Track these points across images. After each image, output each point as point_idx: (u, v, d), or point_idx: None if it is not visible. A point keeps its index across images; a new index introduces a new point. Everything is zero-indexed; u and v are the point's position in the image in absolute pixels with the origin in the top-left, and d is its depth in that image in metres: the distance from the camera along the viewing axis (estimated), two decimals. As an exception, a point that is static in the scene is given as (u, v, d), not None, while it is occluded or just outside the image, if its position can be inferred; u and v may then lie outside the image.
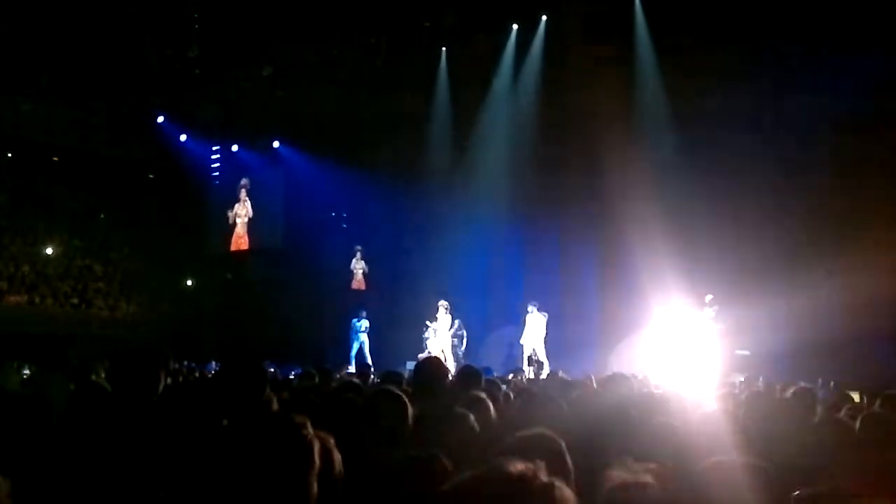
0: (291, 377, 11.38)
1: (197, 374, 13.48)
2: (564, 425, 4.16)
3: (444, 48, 22.38)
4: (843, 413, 5.88)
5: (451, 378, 6.27)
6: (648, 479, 2.79)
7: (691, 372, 14.82)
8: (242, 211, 26.77)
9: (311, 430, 2.82)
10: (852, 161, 15.95)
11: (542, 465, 1.78)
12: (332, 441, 3.02)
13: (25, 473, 3.15)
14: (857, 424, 4.64)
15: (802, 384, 7.22)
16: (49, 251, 27.14)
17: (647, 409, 5.00)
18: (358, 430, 4.13)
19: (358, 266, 23.12)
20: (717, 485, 3.06)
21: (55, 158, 27.36)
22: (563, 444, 3.29)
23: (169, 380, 4.91)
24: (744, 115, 17.31)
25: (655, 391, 7.29)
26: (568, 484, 1.81)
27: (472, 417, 4.31)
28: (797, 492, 2.96)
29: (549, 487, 1.73)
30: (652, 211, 17.02)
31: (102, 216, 27.77)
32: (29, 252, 26.69)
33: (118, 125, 26.68)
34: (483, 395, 5.24)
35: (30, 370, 14.15)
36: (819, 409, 6.67)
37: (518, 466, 1.75)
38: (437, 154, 22.37)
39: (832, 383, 11.36)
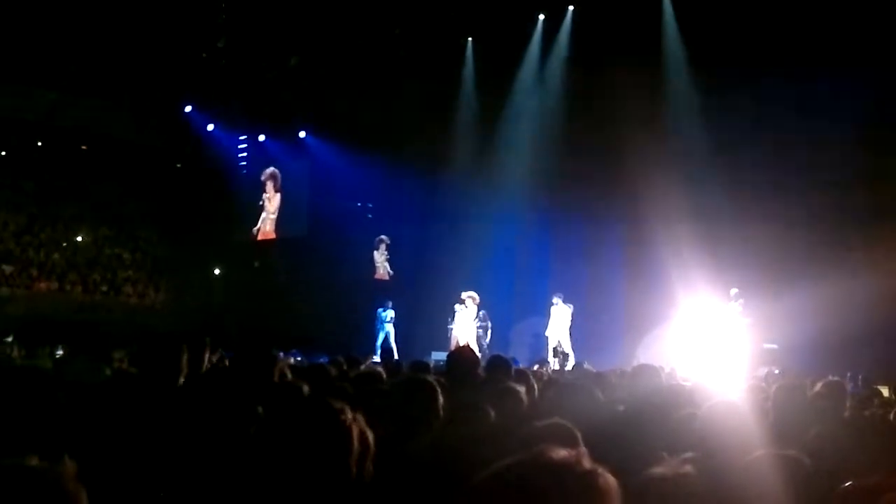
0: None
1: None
2: (596, 416, 4.34)
3: (469, 38, 22.35)
4: (874, 407, 5.85)
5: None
6: (689, 471, 2.76)
7: (719, 365, 14.68)
8: (271, 207, 26.89)
9: (349, 415, 2.86)
10: (882, 151, 15.82)
11: (584, 451, 1.75)
12: (362, 420, 2.97)
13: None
14: (892, 417, 4.61)
15: (832, 377, 7.17)
16: (79, 239, 27.37)
17: (677, 400, 5.05)
18: (387, 419, 4.08)
19: (380, 258, 23.12)
20: (756, 478, 3.10)
21: (84, 147, 27.57)
22: (579, 434, 3.35)
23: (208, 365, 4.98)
24: (771, 107, 17.17)
25: (683, 384, 7.22)
26: None
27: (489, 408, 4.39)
28: (847, 484, 2.96)
29: (593, 474, 1.70)
30: (678, 203, 17.02)
31: (131, 205, 27.93)
32: (59, 240, 27.00)
33: (146, 114, 26.81)
34: (515, 385, 5.25)
35: (63, 350, 14.44)
36: (849, 402, 6.62)
37: (560, 453, 1.72)
38: (462, 145, 22.39)
39: (861, 377, 11.31)
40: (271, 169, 27.02)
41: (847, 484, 2.99)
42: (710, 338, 16.29)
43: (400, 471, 3.59)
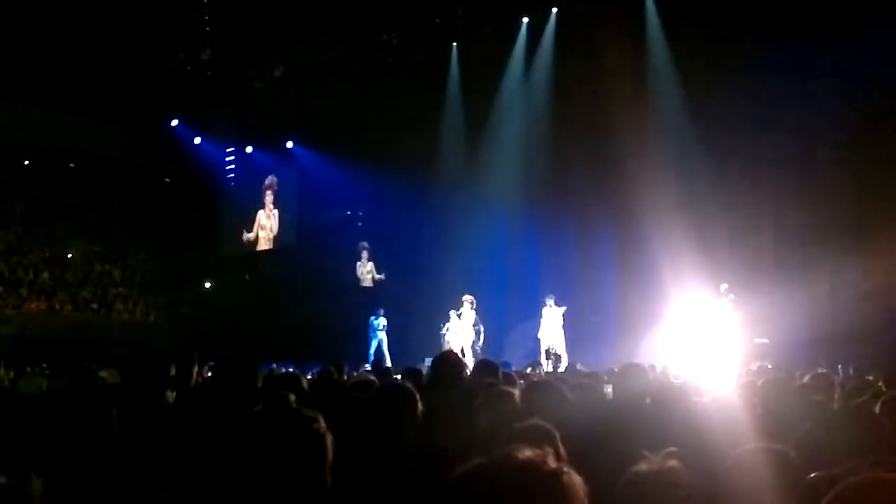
0: (309, 376, 11.47)
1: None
2: (572, 415, 4.39)
3: (454, 43, 22.31)
4: (863, 398, 5.84)
5: (468, 372, 6.34)
6: (675, 465, 2.80)
7: (711, 361, 14.72)
8: (268, 223, 26.87)
9: (323, 424, 2.87)
10: (871, 148, 15.86)
11: (550, 451, 1.78)
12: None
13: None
14: (878, 408, 4.60)
15: (820, 370, 7.16)
16: (68, 257, 27.30)
17: (663, 398, 5.09)
18: (365, 424, 4.17)
19: (362, 269, 23.03)
20: (743, 472, 3.10)
21: (71, 165, 27.52)
22: (557, 434, 3.37)
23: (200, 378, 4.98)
24: (760, 102, 17.19)
25: (674, 381, 7.28)
26: None
27: (479, 411, 4.47)
28: (813, 475, 2.96)
29: (559, 472, 1.73)
30: (668, 201, 17.03)
31: (120, 221, 27.89)
32: (48, 258, 26.89)
33: (133, 130, 26.80)
34: (503, 387, 5.26)
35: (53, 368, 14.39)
36: (837, 394, 6.64)
37: (526, 453, 1.75)
38: (450, 150, 22.40)
39: (851, 369, 11.30)
40: (271, 178, 26.99)
41: (815, 473, 2.98)
42: (702, 334, 16.28)
43: (381, 477, 3.62)
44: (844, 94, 15.67)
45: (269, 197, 27.04)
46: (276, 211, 26.85)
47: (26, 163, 27.21)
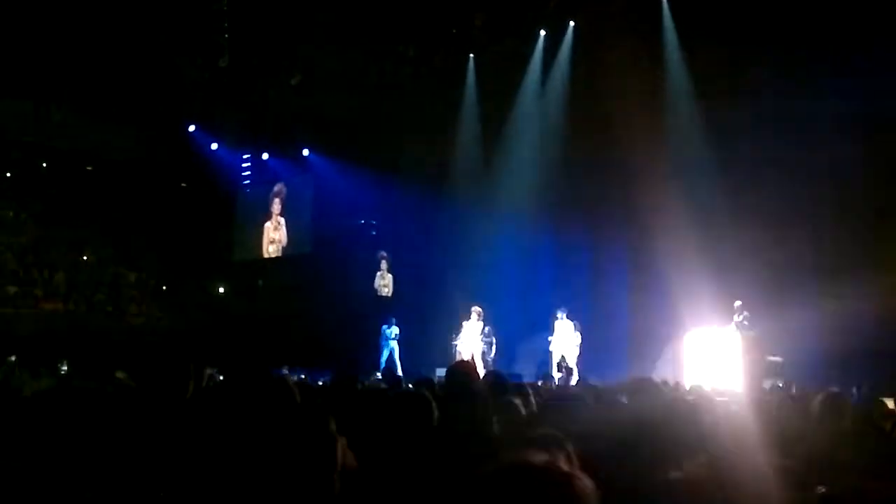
0: (321, 384, 11.50)
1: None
2: (590, 428, 4.24)
3: (471, 54, 22.36)
4: (875, 419, 5.84)
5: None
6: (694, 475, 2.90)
7: (723, 378, 14.72)
8: (276, 235, 26.93)
9: (334, 428, 2.96)
10: (886, 164, 15.79)
11: (562, 456, 1.86)
12: (343, 441, 3.09)
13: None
14: (889, 428, 4.61)
15: (833, 389, 7.17)
16: (83, 259, 27.38)
17: (675, 414, 4.88)
18: (380, 432, 4.20)
19: (380, 282, 23.03)
20: (757, 489, 3.15)
21: (88, 168, 27.63)
22: (570, 442, 3.37)
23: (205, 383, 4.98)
24: (776, 117, 17.03)
25: (687, 397, 7.25)
26: None
27: (495, 420, 4.56)
28: (821, 489, 2.98)
29: (570, 477, 1.80)
30: (683, 216, 16.84)
31: (135, 224, 27.94)
32: (63, 260, 27.01)
33: (150, 134, 26.88)
34: (514, 399, 5.39)
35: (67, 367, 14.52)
36: (850, 414, 6.62)
37: (539, 458, 1.84)
38: (466, 161, 22.39)
39: (864, 388, 11.25)
40: (279, 185, 27.05)
41: (821, 489, 3.00)
42: (715, 350, 16.25)
43: (396, 486, 3.60)
44: (862, 110, 15.57)
45: (276, 206, 27.12)
46: (282, 219, 26.92)
47: (44, 164, 27.33)
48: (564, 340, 18.85)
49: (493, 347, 19.64)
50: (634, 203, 18.26)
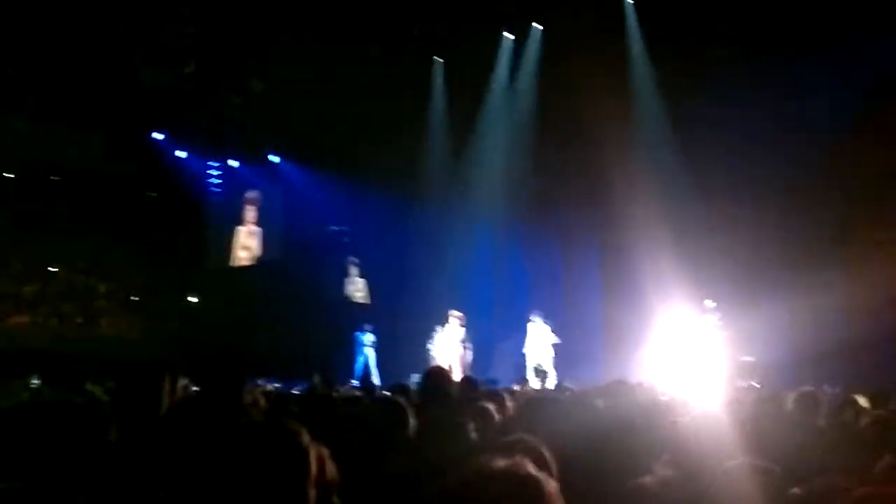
0: (296, 391, 11.42)
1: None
2: (572, 430, 4.34)
3: (438, 57, 22.38)
4: (847, 415, 5.85)
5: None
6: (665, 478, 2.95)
7: (697, 379, 14.78)
8: (249, 241, 26.74)
9: (306, 437, 2.87)
10: (855, 161, 15.87)
11: (526, 459, 1.93)
12: (325, 451, 3.02)
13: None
14: (862, 426, 4.62)
15: (805, 388, 7.19)
16: (51, 270, 27.08)
17: (651, 415, 5.02)
18: (356, 440, 4.25)
19: (352, 288, 22.94)
20: (730, 488, 3.19)
21: (54, 178, 27.29)
22: (545, 447, 3.42)
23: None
24: (743, 115, 17.12)
25: (661, 398, 7.30)
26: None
27: (471, 426, 4.46)
28: (796, 490, 2.96)
29: (533, 478, 1.87)
30: (653, 215, 17.05)
31: (104, 234, 27.64)
32: (31, 272, 26.66)
33: (117, 143, 26.54)
34: (487, 404, 5.38)
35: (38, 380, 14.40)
36: (823, 412, 6.68)
37: (502, 462, 1.89)
38: (435, 164, 22.42)
39: (838, 387, 11.29)
40: (254, 192, 26.83)
41: (796, 489, 2.99)
42: (688, 351, 16.27)
43: (372, 493, 3.65)
44: (827, 107, 15.70)
45: (250, 213, 26.85)
46: (258, 229, 26.66)
47: (10, 176, 26.97)
48: (540, 344, 18.82)
49: (469, 353, 19.59)
50: (605, 203, 18.37)
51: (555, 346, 18.77)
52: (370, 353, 20.79)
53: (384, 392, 9.65)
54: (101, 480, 3.47)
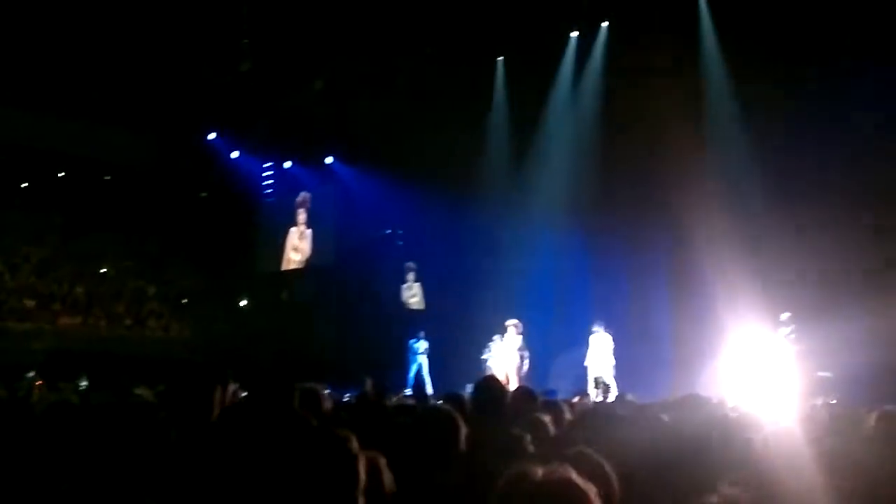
0: (346, 398, 11.25)
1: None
2: (628, 447, 4.26)
3: (500, 58, 21.98)
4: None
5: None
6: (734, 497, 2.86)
7: (770, 394, 14.24)
8: (300, 244, 26.49)
9: (356, 445, 3.02)
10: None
11: (566, 465, 2.07)
12: (382, 460, 3.23)
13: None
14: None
15: (888, 407, 6.61)
16: (102, 271, 27.22)
17: (719, 433, 5.11)
18: (408, 451, 4.24)
19: (407, 294, 22.66)
20: None
21: (107, 177, 27.45)
22: (606, 463, 3.41)
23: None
24: (821, 123, 16.33)
25: (732, 414, 7.16)
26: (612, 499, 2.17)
27: (527, 438, 4.53)
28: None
29: (567, 482, 2.03)
30: (724, 224, 16.39)
31: (155, 236, 27.84)
32: (82, 272, 26.90)
33: (170, 143, 26.83)
34: (542, 415, 5.40)
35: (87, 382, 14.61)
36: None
37: (539, 470, 2.08)
38: (495, 167, 21.91)
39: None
40: (304, 194, 26.66)
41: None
42: (761, 366, 15.64)
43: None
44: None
45: (301, 215, 26.69)
46: (309, 231, 26.47)
47: (61, 175, 27.15)
48: (601, 355, 18.37)
49: (526, 362, 19.08)
50: (674, 209, 17.67)
51: (616, 358, 18.22)
52: (423, 361, 20.46)
53: (437, 401, 9.29)
54: (165, 479, 3.64)
